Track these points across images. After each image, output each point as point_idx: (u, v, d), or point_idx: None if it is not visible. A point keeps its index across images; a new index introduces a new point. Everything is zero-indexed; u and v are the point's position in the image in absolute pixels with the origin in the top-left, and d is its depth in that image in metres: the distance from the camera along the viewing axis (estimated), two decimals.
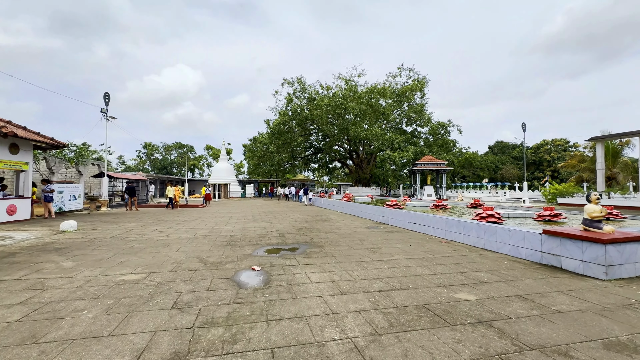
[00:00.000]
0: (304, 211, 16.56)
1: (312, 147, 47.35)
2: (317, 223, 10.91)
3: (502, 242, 5.85)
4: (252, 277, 4.17)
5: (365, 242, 7.04)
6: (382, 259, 5.35)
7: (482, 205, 13.42)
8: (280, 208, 19.15)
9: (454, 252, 5.96)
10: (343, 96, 36.44)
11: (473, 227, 6.60)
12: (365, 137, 36.69)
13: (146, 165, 67.34)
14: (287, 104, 39.52)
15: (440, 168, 34.49)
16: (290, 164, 46.27)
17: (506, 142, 70.21)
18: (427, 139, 42.39)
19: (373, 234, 8.30)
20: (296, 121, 39.12)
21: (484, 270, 4.60)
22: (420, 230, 8.56)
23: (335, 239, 7.50)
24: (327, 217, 13.21)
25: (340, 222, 11.24)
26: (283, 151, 38.93)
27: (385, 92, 39.36)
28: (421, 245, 6.60)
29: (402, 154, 35.79)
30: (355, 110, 35.15)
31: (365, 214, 12.76)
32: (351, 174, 48.24)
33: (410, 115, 41.36)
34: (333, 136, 38.76)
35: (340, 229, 9.36)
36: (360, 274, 4.39)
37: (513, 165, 58.05)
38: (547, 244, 4.98)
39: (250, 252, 5.83)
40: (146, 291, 3.56)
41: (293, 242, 7.07)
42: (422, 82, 40.69)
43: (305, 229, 9.37)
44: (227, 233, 8.36)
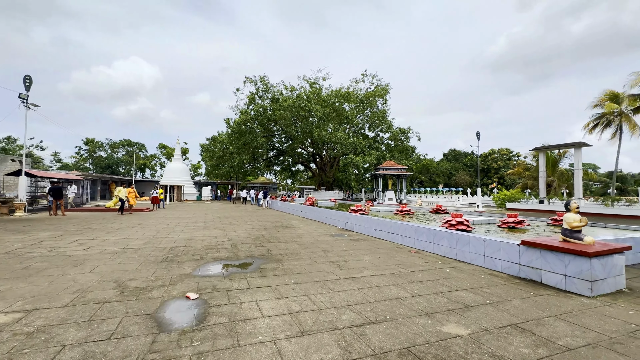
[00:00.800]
0: (263, 216, 15.42)
1: (274, 149, 46.01)
2: (277, 230, 9.92)
3: (476, 253, 5.42)
4: (183, 312, 3.12)
5: (330, 253, 6.25)
6: (350, 276, 4.58)
7: (443, 210, 13.47)
8: (237, 212, 17.75)
9: (426, 264, 5.41)
10: (307, 98, 35.82)
11: (444, 236, 6.15)
12: (329, 140, 36.38)
13: (87, 164, 60.51)
14: (249, 103, 37.89)
15: (401, 173, 35.30)
16: (251, 166, 44.49)
17: (459, 150, 74.98)
18: (388, 144, 43.36)
19: (338, 243, 7.55)
20: (258, 121, 37.61)
21: (465, 289, 4.04)
22: (388, 239, 8.01)
23: (296, 250, 6.61)
24: (289, 223, 12.27)
25: (303, 229, 10.37)
26: (244, 152, 37.12)
27: (349, 96, 39.51)
28: (391, 257, 5.97)
29: (365, 159, 36.05)
30: (320, 113, 34.68)
31: (329, 220, 12.04)
32: (314, 178, 47.72)
33: (373, 121, 41.99)
34: (296, 138, 37.90)
35: (303, 237, 8.49)
36: (325, 299, 3.55)
37: (465, 172, 61.97)
38: (526, 256, 4.59)
39: (189, 271, 4.71)
40: (6, 346, 2.36)
41: (247, 255, 6.03)
42: (385, 89, 41.58)
43: (263, 237, 8.35)
44: (168, 244, 7.05)
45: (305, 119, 36.14)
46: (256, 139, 35.79)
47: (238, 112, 38.21)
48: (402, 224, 7.56)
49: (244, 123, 36.04)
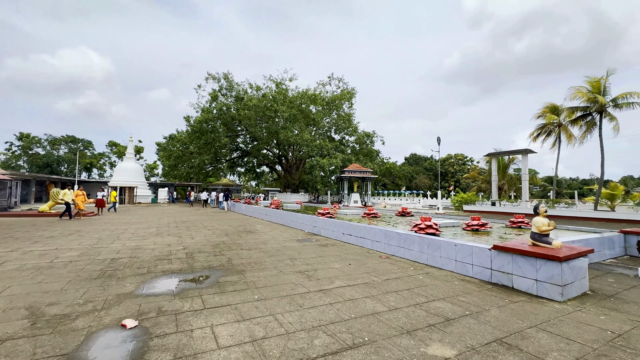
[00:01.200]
0: (224, 220, 14.47)
1: (238, 149, 44.39)
2: (240, 236, 9.22)
3: (448, 258, 5.31)
4: (114, 348, 2.47)
5: (298, 261, 5.79)
6: (320, 288, 4.16)
7: (409, 212, 13.66)
8: (196, 216, 16.53)
9: (398, 271, 5.18)
10: (274, 98, 35.02)
11: (415, 240, 6.00)
12: (295, 142, 35.89)
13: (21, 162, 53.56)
14: (211, 100, 36.09)
15: (366, 176, 35.87)
16: (213, 167, 42.45)
17: (419, 155, 78.60)
18: (354, 147, 43.92)
19: (306, 249, 7.11)
20: (221, 120, 35.98)
21: (441, 298, 3.82)
22: (357, 243, 7.74)
23: (260, 258, 6.04)
24: (253, 227, 11.57)
25: (268, 233, 9.77)
26: (205, 152, 35.20)
27: (316, 98, 39.38)
28: (362, 263, 5.67)
29: (331, 161, 36.10)
30: (286, 114, 34.08)
31: (295, 224, 11.56)
32: (280, 180, 46.84)
33: (339, 124, 42.28)
34: (262, 139, 36.85)
35: (268, 243, 7.92)
36: (294, 319, 3.09)
37: (425, 176, 65.02)
38: (498, 261, 4.53)
39: (131, 289, 3.97)
40: None
41: (204, 266, 5.36)
42: (351, 93, 42.11)
43: (224, 244, 7.63)
44: (109, 255, 6.08)
45: (271, 119, 35.28)
46: (219, 139, 34.14)
47: (199, 110, 36.22)
48: (372, 228, 7.34)
49: (206, 121, 34.21)
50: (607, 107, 18.39)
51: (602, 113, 18.57)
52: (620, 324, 3.14)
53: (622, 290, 4.33)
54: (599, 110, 18.58)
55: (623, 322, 3.19)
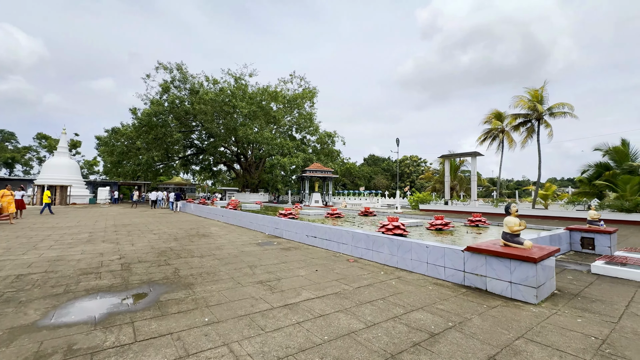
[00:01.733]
0: (175, 222, 13.10)
1: (193, 146, 41.67)
2: (192, 241, 8.22)
3: (419, 261, 5.07)
4: None
5: (258, 269, 5.14)
6: (286, 302, 3.59)
7: (371, 212, 13.61)
8: (142, 218, 14.81)
9: (369, 276, 4.80)
10: (232, 93, 33.35)
11: (385, 242, 5.69)
12: (255, 139, 34.59)
13: None
14: (162, 92, 33.25)
15: (327, 175, 35.82)
16: (164, 164, 39.25)
17: (377, 156, 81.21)
18: (315, 147, 43.69)
19: (267, 254, 6.46)
20: (174, 114, 33.33)
21: (419, 307, 3.49)
22: (322, 246, 7.28)
23: (214, 267, 5.27)
24: (207, 230, 10.53)
25: (224, 237, 8.89)
26: (154, 148, 32.28)
27: (277, 96, 38.43)
28: (329, 269, 5.21)
29: (292, 160, 35.45)
30: (245, 111, 32.65)
31: (255, 225, 10.76)
32: (238, 179, 44.91)
33: (300, 123, 41.74)
34: (219, 136, 34.87)
35: (224, 248, 7.10)
36: (254, 349, 2.48)
37: (383, 176, 67.24)
38: (471, 263, 4.36)
39: (35, 319, 3.02)
40: None
41: (143, 280, 4.46)
42: (313, 92, 41.84)
43: (171, 252, 6.66)
44: (14, 271, 4.85)
45: (229, 115, 33.54)
46: (170, 134, 31.53)
47: (148, 101, 33.12)
48: (338, 229, 6.92)
49: (156, 115, 31.38)
50: (544, 115, 20.34)
51: (540, 120, 20.50)
52: (599, 327, 3.05)
53: (584, 287, 4.41)
54: (538, 117, 20.48)
55: (600, 324, 3.11)
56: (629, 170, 19.88)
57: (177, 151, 37.14)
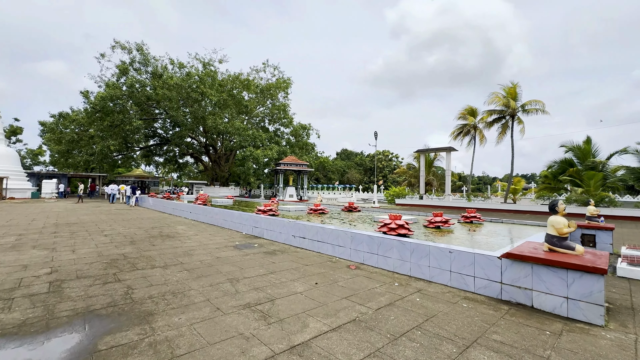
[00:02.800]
0: (134, 220, 11.35)
1: (156, 135, 38.37)
2: (153, 244, 6.80)
3: (439, 268, 4.23)
4: None
5: (242, 284, 4.00)
6: (290, 342, 2.52)
7: (355, 207, 12.78)
8: (94, 216, 12.78)
9: (383, 290, 3.87)
10: (200, 79, 30.84)
11: (394, 245, 4.80)
12: (226, 130, 32.42)
13: None
14: (119, 74, 29.89)
15: (302, 169, 34.68)
16: (123, 155, 35.73)
17: (350, 150, 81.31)
18: (289, 139, 42.19)
19: (249, 260, 5.31)
20: (133, 100, 30.19)
21: (472, 341, 2.59)
22: (313, 248, 6.25)
23: (182, 283, 4.04)
24: (172, 229, 9.05)
25: (193, 238, 7.53)
26: (110, 136, 29.04)
27: (249, 84, 36.36)
28: (331, 281, 4.21)
29: (266, 152, 33.85)
30: (215, 98, 30.38)
31: (230, 224, 9.45)
32: (207, 172, 42.29)
33: (274, 114, 40.02)
34: (185, 125, 32.22)
35: (194, 253, 5.82)
36: None
37: (356, 170, 67.39)
38: (511, 273, 3.57)
39: None
40: None
41: (76, 310, 3.14)
42: (287, 82, 40.20)
43: (125, 260, 5.26)
44: None
45: (196, 103, 31.07)
46: (129, 121, 28.44)
47: (103, 84, 29.61)
48: (334, 230, 5.92)
49: (112, 99, 28.12)
50: (518, 111, 20.79)
51: (514, 117, 20.94)
52: None
53: (629, 297, 3.81)
54: (512, 114, 20.90)
55: None
56: (592, 166, 20.97)
57: (138, 141, 33.88)
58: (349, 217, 9.94)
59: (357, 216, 10.46)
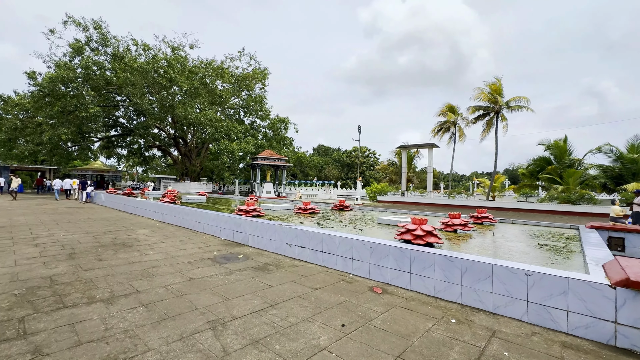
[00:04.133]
0: (84, 221, 9.33)
1: (117, 125, 34.81)
2: (101, 257, 5.11)
3: (509, 296, 3.08)
4: None
5: (231, 334, 2.59)
6: None
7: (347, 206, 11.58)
8: (33, 216, 10.50)
9: (442, 333, 2.65)
10: (168, 63, 28.06)
11: (436, 262, 3.59)
12: (197, 121, 29.92)
13: None
14: (73, 54, 26.40)
15: (281, 164, 33.05)
16: (78, 146, 31.91)
17: (327, 146, 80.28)
18: (266, 133, 40.17)
19: (235, 284, 3.87)
20: (90, 84, 26.79)
21: None
22: (316, 261, 4.93)
23: (132, 335, 2.55)
24: (132, 234, 7.30)
25: (158, 247, 5.91)
26: (63, 124, 25.57)
27: (223, 73, 33.90)
28: (362, 319, 2.92)
29: (242, 146, 31.79)
30: (185, 86, 27.80)
31: (205, 227, 7.84)
32: (176, 166, 39.26)
33: (250, 105, 37.82)
34: (151, 114, 29.29)
35: (157, 272, 4.27)
36: None
37: (334, 166, 66.53)
38: (633, 309, 2.49)
39: None
40: None
41: None
42: (264, 73, 38.10)
43: (51, 288, 3.62)
44: None
45: (164, 89, 28.30)
46: (85, 107, 25.13)
47: (52, 65, 25.96)
48: (347, 238, 4.62)
49: (63, 81, 24.68)
50: (502, 108, 20.66)
51: (499, 113, 20.81)
52: None
53: None
54: (497, 110, 20.74)
55: None
56: (569, 164, 21.41)
57: (96, 130, 30.36)
58: (345, 218, 8.70)
59: (352, 216, 9.25)
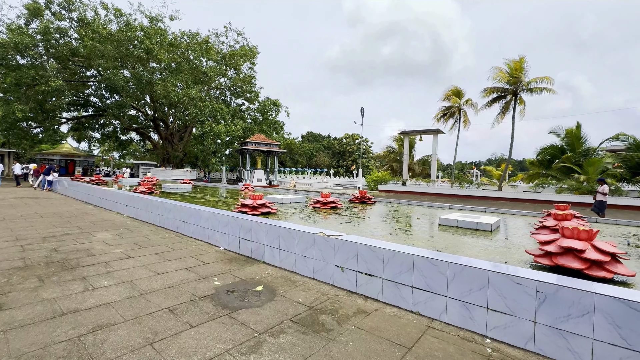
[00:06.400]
0: (25, 219, 6.81)
1: (89, 104, 30.95)
2: (12, 293, 2.80)
3: None
4: None
5: None
6: None
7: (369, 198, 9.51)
8: None
9: None
10: (145, 33, 24.60)
11: None
12: (179, 99, 26.75)
13: None
14: (29, 16, 22.47)
15: (273, 149, 30.49)
16: (42, 127, 28.09)
17: (317, 133, 77.66)
18: (255, 116, 37.18)
19: None
20: (52, 55, 23.07)
21: None
22: (401, 304, 2.82)
23: None
24: (84, 241, 4.93)
25: (119, 269, 3.62)
26: (20, 100, 21.92)
27: (209, 49, 30.52)
28: None
29: (229, 129, 28.91)
30: (166, 60, 24.53)
31: (194, 228, 5.55)
32: (157, 151, 35.88)
33: (238, 86, 34.67)
34: (126, 92, 25.88)
35: (104, 348, 2.04)
36: None
37: (324, 154, 64.27)
38: None
39: None
40: None
41: None
42: (253, 50, 34.76)
43: None
44: None
45: (140, 62, 24.86)
46: (46, 80, 21.53)
47: (4, 27, 22.03)
48: (479, 270, 2.51)
49: (18, 49, 20.93)
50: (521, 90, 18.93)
51: (517, 95, 19.09)
52: None
53: None
54: (514, 92, 19.00)
55: None
56: (584, 153, 20.13)
57: (61, 108, 26.64)
58: (385, 216, 6.59)
59: (387, 212, 7.15)
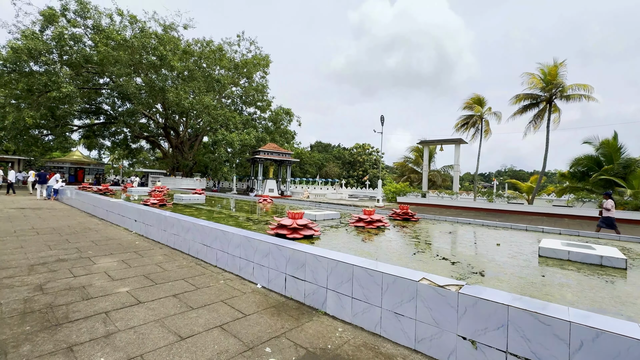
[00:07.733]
0: (18, 236, 5.74)
1: (100, 112, 30.60)
2: None
3: None
4: None
5: None
6: None
7: (412, 215, 8.24)
8: None
9: None
10: (160, 40, 24.19)
11: None
12: (192, 107, 26.10)
13: None
14: (44, 23, 22.24)
15: (286, 159, 29.49)
16: (53, 135, 27.68)
17: (326, 143, 76.84)
18: (267, 125, 36.41)
19: None
20: (67, 61, 22.74)
21: None
22: None
23: None
24: (81, 274, 3.80)
25: (122, 328, 2.45)
26: (31, 106, 21.46)
27: (222, 58, 30.08)
28: None
29: (242, 137, 28.05)
30: (179, 67, 24.00)
31: (220, 255, 4.38)
32: (166, 159, 35.22)
33: (250, 95, 34.06)
34: (138, 99, 25.34)
35: None
36: None
37: (334, 164, 63.17)
38: None
39: None
40: None
41: None
42: (266, 60, 34.23)
43: None
44: None
45: (153, 68, 24.38)
46: (57, 87, 21.06)
47: (19, 34, 21.79)
48: None
49: (31, 54, 20.58)
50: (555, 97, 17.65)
51: (551, 103, 17.80)
52: None
53: None
54: (548, 100, 17.73)
55: None
56: (624, 164, 18.59)
57: (72, 114, 26.19)
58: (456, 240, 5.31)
59: (448, 234, 5.86)
